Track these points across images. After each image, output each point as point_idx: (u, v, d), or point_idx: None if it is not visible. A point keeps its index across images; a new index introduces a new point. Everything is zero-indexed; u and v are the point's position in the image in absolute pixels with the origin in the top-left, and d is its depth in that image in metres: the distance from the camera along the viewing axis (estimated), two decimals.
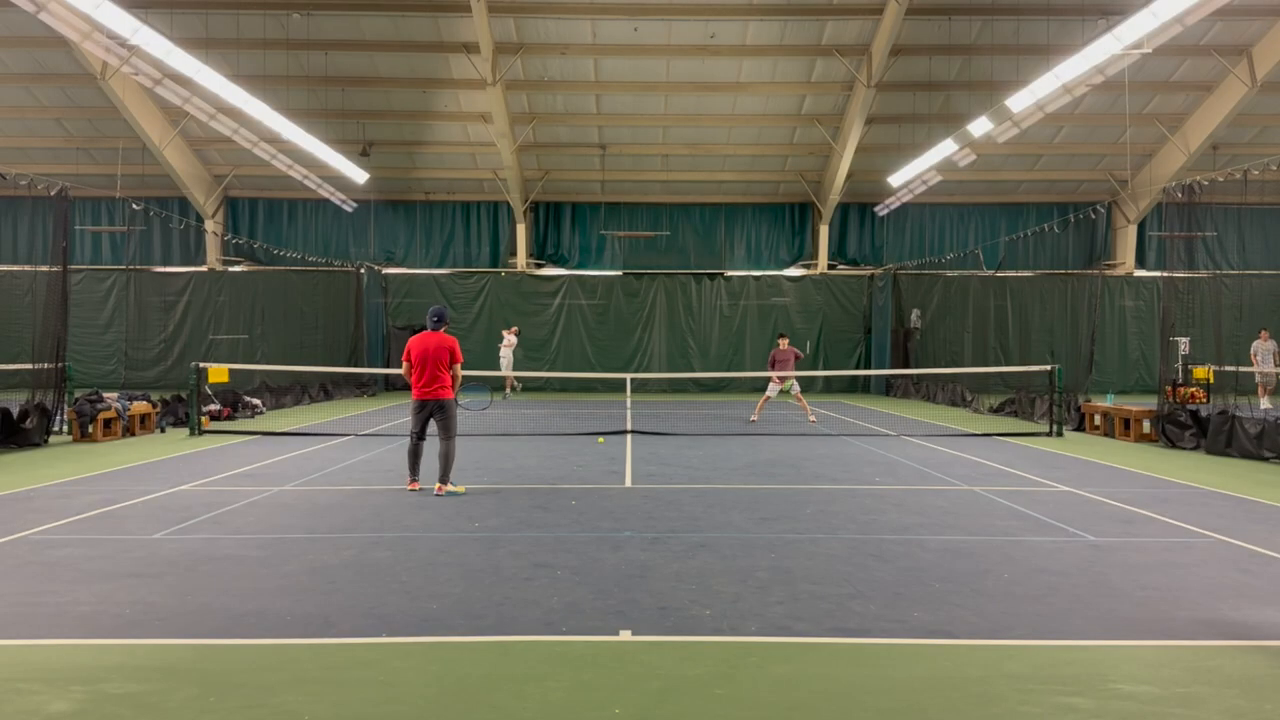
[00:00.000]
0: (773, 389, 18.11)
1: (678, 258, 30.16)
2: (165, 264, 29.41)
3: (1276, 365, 20.22)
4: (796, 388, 18.20)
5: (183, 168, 27.42)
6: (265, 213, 30.46)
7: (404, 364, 9.85)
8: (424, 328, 10.02)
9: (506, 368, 24.17)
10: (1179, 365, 16.75)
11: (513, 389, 26.07)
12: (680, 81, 24.90)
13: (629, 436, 15.25)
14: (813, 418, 17.90)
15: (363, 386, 26.29)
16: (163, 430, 16.06)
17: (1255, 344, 20.78)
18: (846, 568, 6.46)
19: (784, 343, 18.16)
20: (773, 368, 17.79)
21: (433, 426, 9.82)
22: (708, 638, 4.96)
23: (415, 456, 9.85)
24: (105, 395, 15.24)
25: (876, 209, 29.81)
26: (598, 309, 29.54)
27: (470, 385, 11.43)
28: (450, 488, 9.56)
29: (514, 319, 29.01)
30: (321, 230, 30.35)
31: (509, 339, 24.76)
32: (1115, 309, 28.64)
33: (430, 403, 9.68)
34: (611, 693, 4.20)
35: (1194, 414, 14.19)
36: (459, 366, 9.81)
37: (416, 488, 9.73)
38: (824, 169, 28.51)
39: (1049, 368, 16.35)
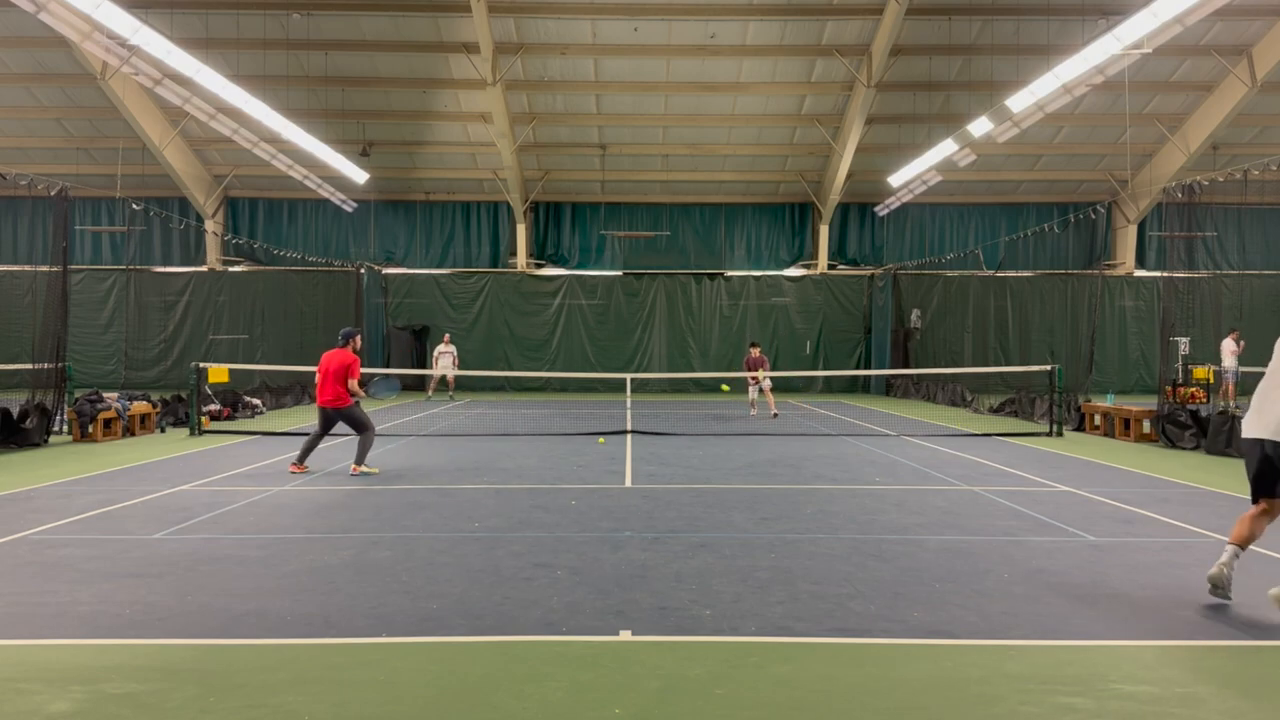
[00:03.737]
0: (753, 390, 19.74)
1: (678, 258, 30.18)
2: (165, 264, 29.43)
3: None
4: (768, 384, 19.41)
5: (183, 168, 27.42)
6: (265, 213, 30.48)
7: (318, 375, 11.04)
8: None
9: (444, 369, 24.00)
10: (1179, 365, 16.73)
11: (439, 390, 25.89)
12: (680, 81, 24.90)
13: (629, 436, 15.25)
14: (775, 412, 19.02)
15: (362, 386, 26.21)
16: (163, 430, 16.06)
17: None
18: (846, 568, 6.45)
19: (755, 351, 19.59)
20: (749, 369, 19.58)
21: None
22: (708, 638, 4.95)
23: (309, 449, 11.03)
24: (105, 395, 15.23)
25: (876, 209, 29.80)
26: (598, 309, 29.55)
27: (381, 380, 12.66)
28: (364, 469, 10.77)
29: (514, 319, 29.11)
30: (321, 230, 30.37)
31: (445, 347, 24.71)
32: (1115, 309, 28.65)
33: (330, 411, 10.96)
34: (611, 693, 4.19)
35: (1194, 414, 14.18)
36: (355, 381, 10.99)
37: (302, 470, 10.86)
38: (824, 169, 28.51)
39: (1049, 368, 16.34)
